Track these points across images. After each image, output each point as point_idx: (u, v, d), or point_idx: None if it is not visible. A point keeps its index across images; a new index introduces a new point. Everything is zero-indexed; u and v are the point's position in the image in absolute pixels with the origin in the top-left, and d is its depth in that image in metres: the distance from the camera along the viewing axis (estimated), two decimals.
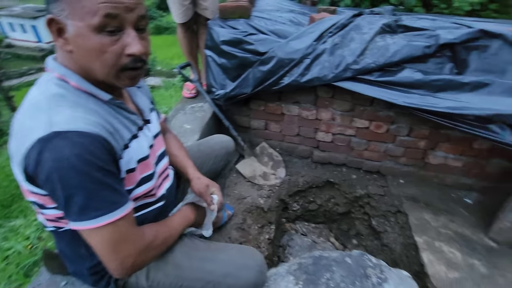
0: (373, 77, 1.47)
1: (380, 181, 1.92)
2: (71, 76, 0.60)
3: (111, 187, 0.57)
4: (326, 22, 1.56)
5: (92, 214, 0.56)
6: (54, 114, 0.54)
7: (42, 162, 0.51)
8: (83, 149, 0.52)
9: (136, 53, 0.57)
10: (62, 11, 0.53)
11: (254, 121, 1.96)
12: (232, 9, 1.62)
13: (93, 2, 0.51)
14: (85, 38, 0.54)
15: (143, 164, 0.70)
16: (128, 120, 0.69)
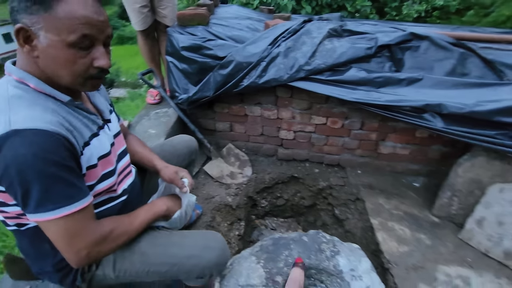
0: (324, 76, 1.61)
1: (340, 172, 2.07)
2: (30, 79, 0.63)
3: (67, 182, 0.61)
4: (280, 27, 1.69)
5: (49, 206, 0.59)
6: (12, 114, 0.57)
7: (1, 158, 0.54)
8: (39, 147, 0.56)
9: (104, 66, 0.65)
10: (35, 23, 0.58)
11: (219, 124, 2.03)
12: (191, 17, 1.70)
13: (72, 22, 0.58)
14: (57, 50, 0.59)
15: (104, 161, 0.74)
16: (88, 119, 0.73)
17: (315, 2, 4.02)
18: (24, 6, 0.57)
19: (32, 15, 0.57)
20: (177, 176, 0.95)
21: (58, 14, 0.57)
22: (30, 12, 0.57)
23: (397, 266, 1.38)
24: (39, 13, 0.57)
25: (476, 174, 1.53)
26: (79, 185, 0.64)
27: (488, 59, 1.53)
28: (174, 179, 0.94)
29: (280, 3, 3.94)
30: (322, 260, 0.97)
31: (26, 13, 0.57)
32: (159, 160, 1.00)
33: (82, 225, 0.64)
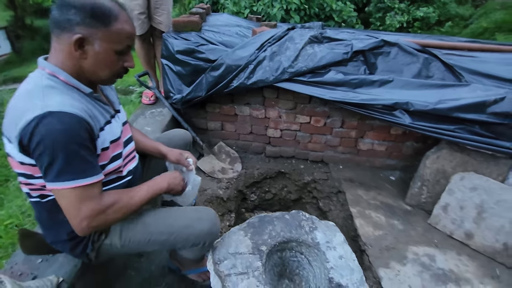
0: (306, 78, 1.78)
1: (324, 168, 2.23)
2: (60, 73, 0.77)
3: (85, 159, 0.74)
4: (266, 34, 1.87)
5: (67, 176, 0.72)
6: (47, 99, 0.71)
7: (36, 132, 0.67)
8: (68, 126, 0.69)
9: (132, 67, 0.86)
10: (94, 34, 0.75)
11: (211, 123, 2.17)
12: (185, 23, 1.85)
13: (121, 36, 0.79)
14: (107, 55, 0.79)
15: (115, 144, 0.88)
16: (103, 109, 0.87)
17: (303, 12, 4.24)
18: (87, 21, 0.73)
19: (92, 28, 0.74)
20: (182, 156, 1.10)
21: (113, 29, 0.77)
22: (90, 26, 0.74)
23: (371, 247, 1.54)
24: (98, 27, 0.75)
25: (441, 165, 1.72)
26: (94, 163, 0.77)
27: (449, 63, 1.74)
28: (180, 159, 1.10)
29: (270, 13, 4.15)
30: (301, 234, 1.11)
31: (86, 26, 0.74)
32: (163, 146, 1.15)
33: (90, 196, 0.76)
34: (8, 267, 0.98)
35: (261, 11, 4.30)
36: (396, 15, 6.83)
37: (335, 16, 4.53)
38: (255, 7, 4.33)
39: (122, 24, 0.78)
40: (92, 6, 0.74)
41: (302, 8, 4.16)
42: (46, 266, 0.98)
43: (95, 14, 0.74)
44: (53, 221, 0.85)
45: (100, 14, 0.75)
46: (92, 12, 0.74)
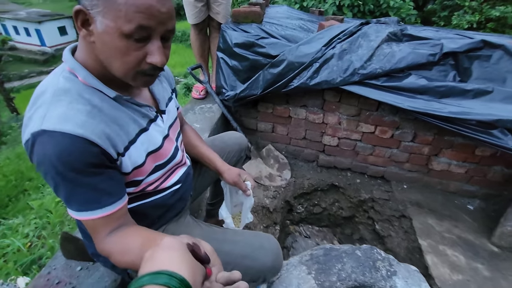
0: (379, 82, 1.52)
1: (385, 186, 1.95)
2: (79, 71, 0.60)
3: (90, 187, 0.58)
4: (335, 29, 1.63)
5: (74, 206, 0.59)
6: (51, 110, 0.55)
7: (34, 154, 0.55)
8: (63, 151, 0.53)
9: (157, 64, 0.58)
10: (94, 6, 0.52)
11: (261, 124, 2.00)
12: (245, 14, 1.69)
13: (129, 9, 0.51)
14: (112, 38, 0.54)
15: (154, 155, 0.71)
16: (138, 113, 0.68)
17: (356, 8, 3.91)
18: None
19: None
20: (240, 179, 0.93)
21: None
22: None
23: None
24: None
25: None
26: (108, 190, 0.60)
27: None
28: (238, 182, 0.92)
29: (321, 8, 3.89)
30: (377, 280, 0.89)
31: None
32: (220, 161, 0.98)
33: (96, 232, 0.61)
34: (46, 272, 0.91)
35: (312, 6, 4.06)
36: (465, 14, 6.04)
37: (391, 13, 4.11)
38: (306, 2, 4.10)
39: None
40: None
41: (356, 4, 3.84)
42: (86, 276, 0.89)
43: None
44: None
45: None
46: None
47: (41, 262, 2.06)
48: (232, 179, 0.94)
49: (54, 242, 2.15)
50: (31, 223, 2.60)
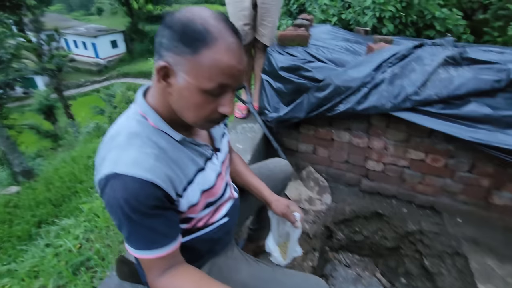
0: (435, 109, 1.43)
1: (435, 217, 1.79)
2: (150, 115, 0.64)
3: (151, 228, 0.61)
4: (385, 52, 1.57)
5: (134, 244, 0.63)
6: (123, 153, 0.60)
7: (104, 195, 0.60)
8: (131, 195, 0.57)
9: (228, 114, 0.62)
10: (178, 64, 0.56)
11: (302, 145, 1.98)
12: (292, 37, 1.70)
13: (213, 71, 0.55)
14: (191, 93, 0.58)
15: (207, 193, 0.73)
16: (197, 152, 0.71)
17: (398, 20, 3.72)
18: (173, 45, 0.56)
19: (178, 56, 0.56)
20: (289, 210, 0.92)
21: (203, 60, 0.55)
22: (177, 52, 0.56)
23: None
24: (185, 55, 0.55)
25: None
26: (165, 232, 0.63)
27: None
28: (287, 214, 0.91)
29: (360, 21, 3.76)
30: None
31: (173, 52, 0.56)
32: (268, 190, 0.98)
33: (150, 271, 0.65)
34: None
35: (351, 19, 3.95)
36: None
37: (437, 25, 3.84)
38: (344, 15, 4.00)
39: (216, 53, 0.55)
40: (184, 25, 0.55)
41: (397, 16, 3.66)
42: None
43: (185, 36, 0.54)
44: None
45: (190, 37, 0.54)
46: (182, 33, 0.55)
47: (89, 264, 2.22)
48: (281, 211, 0.93)
49: (100, 246, 2.30)
50: (81, 225, 2.82)
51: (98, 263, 2.15)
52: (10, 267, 2.69)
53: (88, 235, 2.66)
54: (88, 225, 2.80)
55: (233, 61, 0.57)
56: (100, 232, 2.62)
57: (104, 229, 2.64)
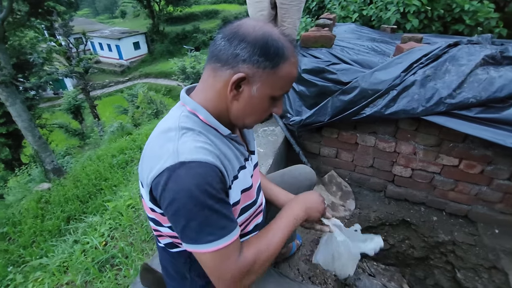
0: (472, 113, 1.33)
1: (469, 227, 1.68)
2: (200, 111, 0.66)
3: (221, 214, 0.60)
4: (416, 52, 1.48)
5: (205, 239, 0.59)
6: (181, 143, 0.60)
7: (168, 189, 0.57)
8: (202, 179, 0.57)
9: (279, 114, 0.72)
10: (256, 76, 0.62)
11: (325, 148, 1.92)
12: (315, 39, 1.65)
13: (286, 81, 0.65)
14: (262, 101, 0.65)
15: (245, 194, 0.73)
16: (239, 151, 0.73)
17: (423, 14, 3.51)
18: (254, 59, 0.61)
19: (258, 68, 0.61)
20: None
21: (280, 72, 0.63)
22: (257, 65, 0.61)
23: None
24: (265, 68, 0.61)
25: None
26: (230, 216, 0.63)
27: None
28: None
29: (383, 17, 3.59)
30: None
31: (252, 64, 0.61)
32: (284, 192, 0.97)
33: (231, 257, 0.63)
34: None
35: (372, 15, 3.79)
36: None
37: (466, 18, 3.58)
38: (365, 11, 3.84)
39: (291, 67, 0.64)
40: (266, 41, 0.60)
41: (422, 10, 3.45)
42: None
43: (267, 52, 0.61)
44: (178, 274, 0.76)
45: (272, 53, 0.61)
46: (265, 48, 0.60)
47: (114, 261, 2.29)
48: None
49: (124, 245, 2.37)
50: (106, 223, 2.92)
51: (122, 261, 2.21)
52: (42, 261, 2.84)
53: (113, 233, 2.74)
54: (112, 223, 2.90)
55: (295, 71, 0.67)
56: (124, 230, 2.70)
57: (127, 228, 2.72)
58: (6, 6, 5.35)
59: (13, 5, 5.52)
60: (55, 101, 17.78)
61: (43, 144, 6.50)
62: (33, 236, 4.27)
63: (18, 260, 3.69)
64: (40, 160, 6.40)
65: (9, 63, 5.89)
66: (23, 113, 6.05)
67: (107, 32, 26.07)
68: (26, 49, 8.24)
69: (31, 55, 8.22)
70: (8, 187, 6.90)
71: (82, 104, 13.75)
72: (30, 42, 8.64)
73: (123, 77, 23.40)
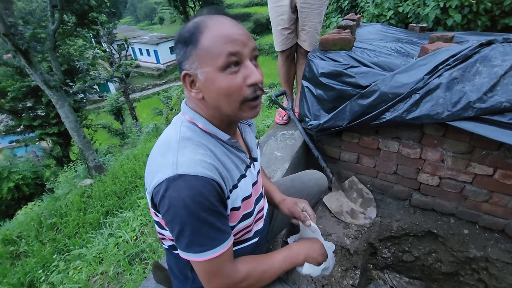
0: (506, 118, 1.21)
1: (506, 243, 1.53)
2: (199, 120, 0.69)
3: (214, 226, 0.63)
4: (443, 53, 1.39)
5: (197, 248, 0.63)
6: (180, 155, 0.62)
7: (165, 198, 0.61)
8: (197, 192, 0.59)
9: (257, 81, 0.64)
10: (192, 64, 0.63)
11: (345, 153, 1.87)
12: (334, 41, 1.62)
13: (217, 46, 0.60)
14: (213, 80, 0.62)
15: (246, 202, 0.75)
16: (239, 159, 0.75)
17: (467, 8, 3.19)
18: (183, 53, 0.63)
19: (189, 57, 0.63)
20: (297, 207, 0.90)
21: (204, 44, 0.61)
22: (187, 56, 0.63)
23: None
24: (192, 52, 0.62)
25: None
26: (223, 228, 0.66)
27: None
28: (295, 211, 0.89)
29: (421, 13, 3.35)
30: None
31: (186, 59, 0.63)
32: (278, 192, 0.97)
33: (222, 267, 0.66)
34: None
35: (409, 12, 3.55)
36: None
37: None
38: (401, 8, 3.61)
39: (212, 31, 0.61)
40: (179, 32, 0.64)
41: (466, 4, 3.14)
42: None
43: (183, 38, 0.63)
44: (180, 273, 0.81)
45: (187, 35, 0.62)
46: (180, 37, 0.63)
47: (142, 255, 2.45)
48: (288, 208, 0.91)
49: (152, 240, 2.52)
50: (138, 218, 3.12)
51: (150, 256, 2.35)
52: (82, 251, 3.11)
53: (143, 228, 2.93)
54: (143, 219, 3.09)
55: (228, 29, 0.62)
56: (153, 227, 2.87)
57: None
58: (57, 18, 5.96)
59: (63, 17, 6.12)
60: (100, 103, 19.33)
61: (87, 143, 7.11)
62: (76, 227, 4.68)
63: (64, 249, 4.08)
64: (84, 158, 7.01)
65: (60, 70, 6.54)
66: (70, 114, 6.68)
67: (146, 38, 27.72)
68: (74, 56, 9.10)
69: (78, 61, 9.05)
70: (58, 181, 7.66)
71: (122, 106, 14.78)
72: (79, 50, 9.52)
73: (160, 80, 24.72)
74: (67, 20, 6.89)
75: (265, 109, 7.01)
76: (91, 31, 8.10)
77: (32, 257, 3.88)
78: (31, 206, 6.44)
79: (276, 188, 1.00)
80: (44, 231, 4.88)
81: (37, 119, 10.30)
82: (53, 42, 6.12)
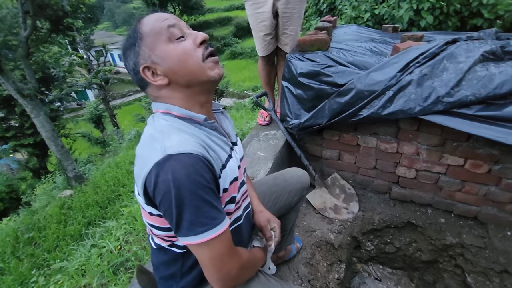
0: (472, 111, 1.29)
1: (478, 229, 1.62)
2: (172, 108, 0.70)
3: (212, 204, 0.62)
4: (413, 51, 1.46)
5: (199, 229, 0.61)
6: (166, 140, 0.62)
7: (159, 184, 0.59)
8: (191, 169, 0.58)
9: (204, 38, 0.71)
10: (145, 55, 0.68)
11: (327, 151, 1.92)
12: (311, 42, 1.67)
13: (156, 26, 0.68)
14: (168, 52, 0.67)
15: (233, 185, 0.74)
16: (221, 141, 0.75)
17: (439, 10, 3.39)
18: (133, 54, 0.69)
19: (140, 51, 0.68)
20: (268, 225, 0.91)
21: (146, 30, 0.68)
22: (138, 52, 0.68)
23: None
24: (140, 45, 0.68)
25: None
26: (219, 207, 0.65)
27: None
28: (264, 228, 0.90)
29: (395, 15, 3.51)
30: None
31: (139, 55, 0.69)
32: (257, 200, 0.98)
33: (228, 247, 0.66)
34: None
35: (385, 14, 3.72)
36: None
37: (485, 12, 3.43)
38: (377, 10, 3.77)
39: (147, 19, 0.69)
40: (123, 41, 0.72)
41: (437, 6, 3.34)
42: None
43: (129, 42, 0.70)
44: (167, 273, 0.80)
45: (131, 36, 0.70)
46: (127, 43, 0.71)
47: (128, 264, 2.38)
48: (259, 222, 0.92)
49: (137, 249, 2.46)
50: (122, 227, 3.03)
51: (135, 265, 2.29)
52: (63, 265, 2.98)
53: (127, 237, 2.85)
54: (127, 227, 3.00)
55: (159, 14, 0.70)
56: (138, 234, 2.80)
57: (141, 232, 2.82)
58: (30, 25, 5.74)
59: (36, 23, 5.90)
60: (78, 112, 18.68)
61: (66, 153, 6.85)
62: (56, 240, 4.49)
63: (43, 264, 3.90)
64: (63, 168, 6.74)
65: (34, 78, 6.29)
66: (47, 124, 6.42)
67: None
68: (49, 63, 8.77)
69: (54, 69, 8.73)
70: (35, 194, 7.32)
71: (102, 113, 14.36)
72: (54, 57, 9.18)
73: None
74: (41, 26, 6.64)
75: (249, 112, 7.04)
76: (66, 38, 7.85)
77: (9, 274, 3.67)
78: (6, 221, 6.10)
79: (255, 196, 1.00)
80: (21, 246, 4.64)
81: (11, 130, 9.81)
82: (25, 49, 5.88)
